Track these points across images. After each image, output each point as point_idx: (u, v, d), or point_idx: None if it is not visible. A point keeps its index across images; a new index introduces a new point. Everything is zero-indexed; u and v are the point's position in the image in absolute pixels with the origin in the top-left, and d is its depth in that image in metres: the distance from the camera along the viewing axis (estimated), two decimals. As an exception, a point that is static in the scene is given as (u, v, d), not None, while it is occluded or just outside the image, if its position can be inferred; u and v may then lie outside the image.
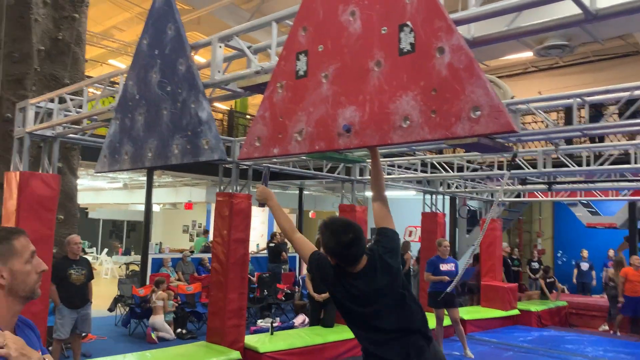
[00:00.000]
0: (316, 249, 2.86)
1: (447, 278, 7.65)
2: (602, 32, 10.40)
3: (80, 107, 5.31)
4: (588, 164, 7.79)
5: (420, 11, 2.28)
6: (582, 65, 15.33)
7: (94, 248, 22.41)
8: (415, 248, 12.44)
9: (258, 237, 19.33)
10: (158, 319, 8.47)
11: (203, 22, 14.21)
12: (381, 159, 9.25)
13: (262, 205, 2.99)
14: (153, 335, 8.40)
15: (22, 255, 1.72)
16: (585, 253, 13.30)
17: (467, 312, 10.08)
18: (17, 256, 1.70)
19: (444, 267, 7.87)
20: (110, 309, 9.99)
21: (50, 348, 6.70)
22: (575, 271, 13.49)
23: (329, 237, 2.63)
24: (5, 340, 1.53)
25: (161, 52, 3.61)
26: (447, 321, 9.16)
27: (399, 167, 9.69)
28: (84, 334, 6.68)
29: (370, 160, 3.01)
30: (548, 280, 12.12)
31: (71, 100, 5.36)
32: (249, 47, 3.52)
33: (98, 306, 8.44)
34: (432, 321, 9.28)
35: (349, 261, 2.64)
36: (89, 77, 10.06)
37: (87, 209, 22.55)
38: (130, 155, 3.79)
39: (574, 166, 7.79)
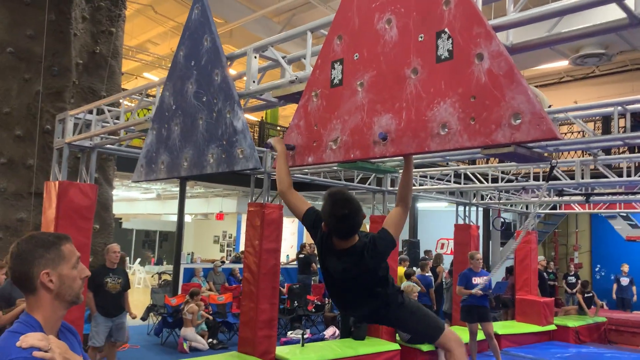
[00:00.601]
0: (312, 205, 2.96)
1: (480, 292, 7.48)
2: (641, 39, 10.13)
3: (118, 118, 5.42)
4: (629, 175, 7.55)
5: (458, 18, 2.25)
6: (620, 75, 14.96)
7: (127, 258, 22.78)
8: (447, 260, 12.25)
9: (288, 248, 19.38)
10: (189, 331, 8.53)
11: (235, 35, 14.44)
12: (413, 170, 9.20)
13: (266, 146, 3.02)
14: (185, 346, 8.45)
15: (70, 260, 1.75)
16: (625, 267, 12.86)
17: (502, 327, 9.85)
18: (65, 261, 1.74)
19: (476, 280, 7.69)
20: (143, 318, 10.12)
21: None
22: (615, 286, 13.05)
23: (328, 205, 2.69)
24: (50, 344, 1.55)
25: (197, 63, 3.66)
26: (480, 335, 8.98)
27: (432, 178, 9.58)
28: (118, 343, 6.75)
29: (402, 171, 2.99)
30: (586, 295, 11.76)
31: (109, 111, 5.48)
32: (283, 57, 3.54)
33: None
34: (465, 336, 9.10)
35: (337, 233, 2.71)
36: (124, 89, 10.29)
37: (120, 219, 23.00)
38: (167, 164, 3.84)
39: (613, 177, 7.56)
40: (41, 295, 1.68)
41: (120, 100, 5.55)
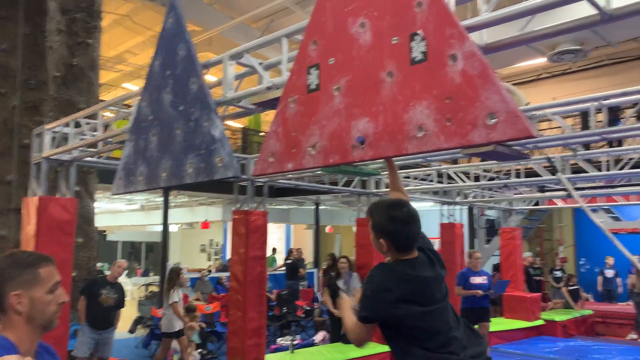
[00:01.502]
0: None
1: (480, 292, 7.31)
2: (616, 34, 10.31)
3: (96, 130, 5.36)
4: (608, 169, 7.65)
5: (431, 20, 2.25)
6: (596, 70, 15.17)
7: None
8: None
9: (276, 255, 19.29)
10: (176, 343, 8.42)
11: (214, 43, 14.38)
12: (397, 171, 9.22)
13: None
14: (175, 358, 8.35)
15: (46, 284, 1.67)
16: (610, 260, 13.00)
17: (490, 324, 9.89)
18: (41, 284, 1.66)
19: (475, 280, 7.47)
20: (131, 331, 10.00)
21: None
22: (600, 278, 13.20)
23: (382, 213, 2.27)
24: None
25: (173, 73, 3.63)
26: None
27: (415, 178, 9.62)
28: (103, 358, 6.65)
29: (385, 173, 2.94)
30: (571, 288, 11.87)
31: (86, 124, 5.41)
32: (259, 64, 3.52)
33: (119, 328, 8.42)
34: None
35: (407, 241, 2.28)
36: (103, 101, 10.20)
37: (105, 231, 22.75)
38: (145, 176, 3.80)
39: (593, 171, 7.65)
40: (11, 317, 1.63)
41: (98, 112, 5.48)
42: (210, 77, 8.53)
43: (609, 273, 12.94)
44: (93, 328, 6.24)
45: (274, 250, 15.68)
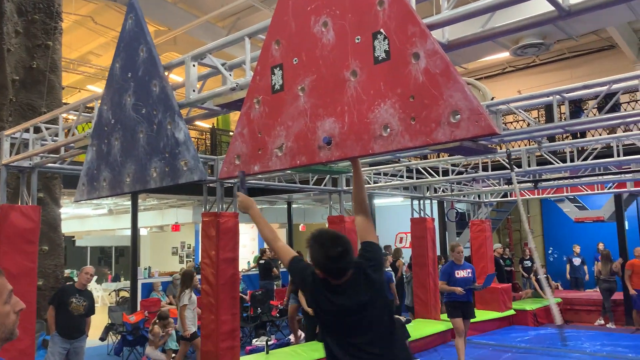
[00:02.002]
0: (297, 254, 2.77)
1: (460, 290, 6.95)
2: (576, 28, 10.51)
3: (57, 135, 5.20)
4: (572, 160, 7.82)
5: (392, 18, 2.24)
6: (559, 62, 15.50)
7: (83, 276, 22.00)
8: (407, 254, 12.39)
9: (249, 255, 19.17)
10: (151, 349, 8.28)
11: (180, 42, 14.18)
12: (366, 168, 9.26)
13: (244, 211, 2.87)
14: (146, 362, 8.22)
15: (1, 296, 1.62)
16: (577, 248, 13.33)
17: (463, 316, 10.02)
18: None
19: (459, 273, 7.12)
20: (102, 338, 9.78)
21: None
22: (568, 267, 13.52)
23: (318, 250, 2.51)
24: None
25: (134, 75, 3.54)
26: (448, 325, 9.14)
27: (385, 174, 9.67)
28: None
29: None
30: (539, 276, 12.12)
31: (47, 129, 5.26)
32: (223, 64, 3.47)
33: (90, 335, 8.23)
34: (427, 329, 9.21)
35: (336, 274, 2.51)
36: (67, 104, 9.95)
37: (73, 237, 22.23)
38: (109, 181, 3.70)
39: (558, 163, 7.81)
40: None
41: (59, 116, 5.33)
42: (177, 78, 8.42)
43: (576, 261, 13.26)
44: (64, 338, 6.06)
45: (263, 251, 15.41)
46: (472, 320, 9.90)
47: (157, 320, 8.45)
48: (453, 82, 2.01)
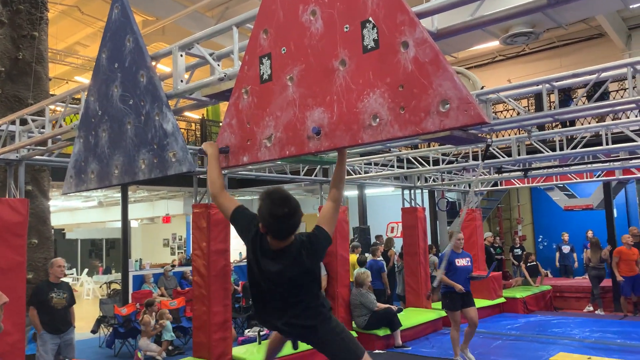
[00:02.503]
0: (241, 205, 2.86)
1: (460, 287, 6.60)
2: (565, 16, 10.52)
3: (44, 127, 5.14)
4: (561, 148, 7.86)
5: (381, 6, 2.22)
6: (549, 51, 15.54)
7: (74, 269, 21.94)
8: (398, 244, 12.44)
9: (240, 246, 19.12)
10: (144, 340, 8.27)
11: (168, 32, 14.03)
12: (357, 158, 9.25)
13: (201, 153, 2.93)
14: (139, 355, 8.20)
15: None
16: (565, 236, 13.46)
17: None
18: None
19: (459, 262, 6.77)
20: (94, 331, 9.76)
21: None
22: (558, 254, 13.64)
23: (266, 205, 2.55)
24: None
25: (121, 65, 3.49)
26: (432, 316, 9.18)
27: (376, 164, 9.67)
28: None
29: (348, 160, 2.97)
30: (529, 264, 12.22)
31: (33, 121, 5.19)
32: (211, 54, 3.43)
33: (81, 328, 8.21)
34: (419, 317, 9.25)
35: (276, 234, 2.59)
36: (54, 95, 9.82)
37: (63, 230, 22.10)
38: (97, 173, 3.67)
39: (547, 151, 7.85)
40: None
41: (46, 108, 5.25)
42: (164, 68, 8.32)
43: (565, 249, 13.39)
44: (53, 334, 6.03)
45: None
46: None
47: (145, 310, 8.44)
48: (442, 71, 2.00)
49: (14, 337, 5.26)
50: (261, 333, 7.53)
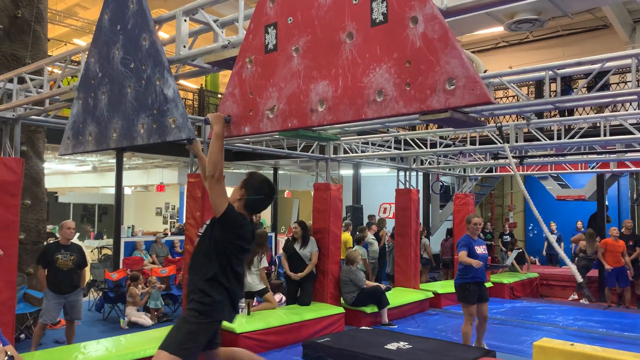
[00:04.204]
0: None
1: (478, 262, 5.99)
2: (572, 5, 10.45)
3: (42, 87, 5.08)
4: (559, 137, 7.87)
5: (392, -20, 2.19)
6: (552, 40, 15.46)
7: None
8: (389, 225, 12.51)
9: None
10: (130, 309, 8.35)
11: (170, -1, 13.81)
12: (354, 137, 9.23)
13: (206, 122, 3.06)
14: (122, 322, 8.29)
15: None
16: (553, 225, 13.58)
17: (442, 287, 10.21)
18: None
19: (478, 249, 6.23)
20: (84, 294, 9.81)
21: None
22: (546, 243, 13.77)
23: (268, 191, 3.23)
24: None
25: (123, 28, 3.45)
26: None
27: (373, 144, 9.66)
28: (75, 321, 6.55)
29: (345, 138, 3.13)
30: (515, 250, 12.34)
31: (31, 80, 5.13)
32: (215, 21, 3.38)
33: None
34: (403, 297, 9.35)
35: (263, 209, 3.34)
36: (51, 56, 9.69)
37: (56, 193, 22.02)
38: (95, 136, 3.64)
39: (545, 140, 7.86)
40: None
41: (44, 68, 5.19)
42: (162, 34, 8.20)
43: (552, 238, 13.49)
44: (57, 293, 6.14)
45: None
46: (449, 290, 10.08)
47: (130, 283, 8.51)
48: (451, 49, 1.98)
49: (5, 294, 5.29)
50: (250, 305, 7.61)
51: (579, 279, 4.89)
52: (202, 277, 3.07)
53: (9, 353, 1.52)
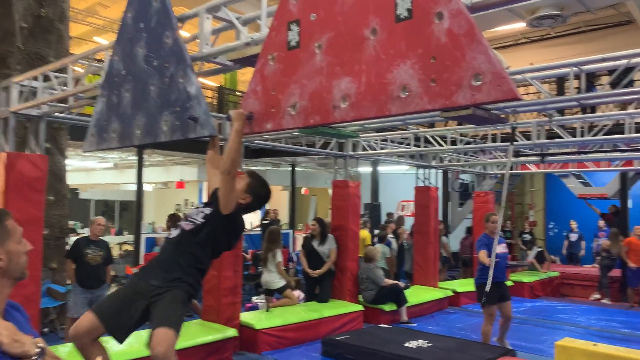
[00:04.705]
0: None
1: (490, 261, 5.83)
2: (595, 0, 10.28)
3: (66, 85, 5.16)
4: (581, 135, 7.75)
5: (417, -25, 2.18)
6: (574, 36, 15.22)
7: (86, 229, 22.21)
8: (408, 223, 12.47)
9: (252, 215, 19.24)
10: None
11: (189, -3, 13.89)
12: (373, 134, 9.20)
13: (228, 119, 3.00)
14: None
15: (15, 235, 1.71)
16: (573, 224, 13.38)
17: (461, 285, 10.16)
18: (11, 237, 1.68)
19: (497, 248, 6.04)
20: (105, 289, 9.95)
21: (63, 326, 6.88)
22: (566, 242, 13.58)
23: (266, 189, 3.25)
24: None
25: (147, 25, 3.48)
26: (434, 296, 9.25)
27: (392, 141, 9.62)
28: None
29: (364, 135, 3.08)
30: (534, 248, 12.20)
31: (56, 78, 5.21)
32: (237, 19, 3.40)
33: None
34: (418, 295, 9.31)
35: (253, 208, 3.24)
36: (74, 55, 9.82)
37: (77, 189, 22.32)
38: (118, 133, 3.69)
39: (567, 137, 7.75)
40: None
41: (68, 66, 5.27)
42: (183, 33, 8.25)
43: (573, 237, 13.31)
44: (84, 288, 6.27)
45: (267, 212, 15.33)
46: (468, 289, 9.99)
47: None
48: (477, 44, 1.97)
49: (30, 289, 5.37)
50: (270, 300, 7.65)
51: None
52: (193, 262, 3.02)
53: (40, 345, 1.55)
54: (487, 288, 5.83)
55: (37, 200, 5.67)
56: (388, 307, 8.15)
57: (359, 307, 7.93)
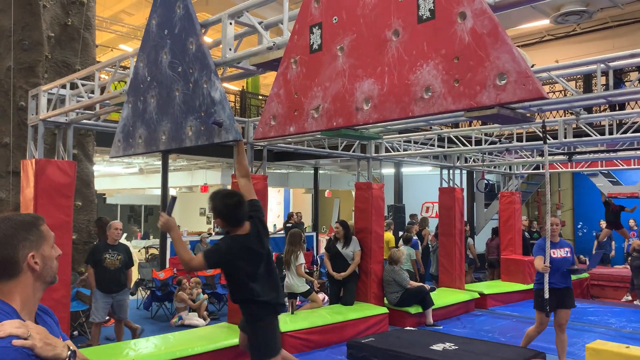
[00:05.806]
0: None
1: (547, 267, 5.45)
2: (622, -5, 10.06)
3: (92, 92, 5.26)
4: (610, 133, 7.59)
5: (439, -25, 2.16)
6: (601, 32, 14.92)
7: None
8: (432, 224, 12.36)
9: (275, 218, 19.37)
10: (182, 312, 8.52)
11: (212, 2, 14.08)
12: (395, 136, 9.15)
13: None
14: (175, 319, 8.46)
15: (49, 240, 1.74)
16: (603, 224, 13.10)
17: (488, 287, 10.03)
18: (46, 241, 1.71)
19: (555, 253, 5.65)
20: (132, 293, 10.08)
21: (89, 330, 6.89)
22: (595, 243, 13.30)
23: (219, 201, 3.29)
24: (29, 330, 1.49)
25: (171, 32, 3.53)
26: (445, 300, 9.14)
27: (415, 142, 9.55)
28: (123, 320, 6.71)
29: (387, 137, 3.13)
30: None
31: (83, 85, 5.31)
32: (259, 23, 3.42)
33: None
34: (445, 298, 9.22)
35: (234, 221, 3.33)
36: (100, 62, 10.00)
37: (104, 194, 22.74)
38: (144, 138, 3.74)
39: (596, 135, 7.59)
40: (23, 279, 1.63)
41: (95, 73, 5.37)
42: (206, 39, 8.34)
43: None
44: (105, 293, 6.29)
45: (290, 216, 15.27)
46: (496, 291, 9.85)
47: (179, 288, 8.69)
48: (501, 44, 1.94)
49: (60, 292, 5.49)
50: (294, 304, 7.66)
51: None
52: (236, 299, 3.71)
53: (71, 348, 1.58)
54: (546, 295, 5.47)
55: (66, 206, 5.78)
56: (413, 310, 8.09)
57: (384, 310, 7.89)
